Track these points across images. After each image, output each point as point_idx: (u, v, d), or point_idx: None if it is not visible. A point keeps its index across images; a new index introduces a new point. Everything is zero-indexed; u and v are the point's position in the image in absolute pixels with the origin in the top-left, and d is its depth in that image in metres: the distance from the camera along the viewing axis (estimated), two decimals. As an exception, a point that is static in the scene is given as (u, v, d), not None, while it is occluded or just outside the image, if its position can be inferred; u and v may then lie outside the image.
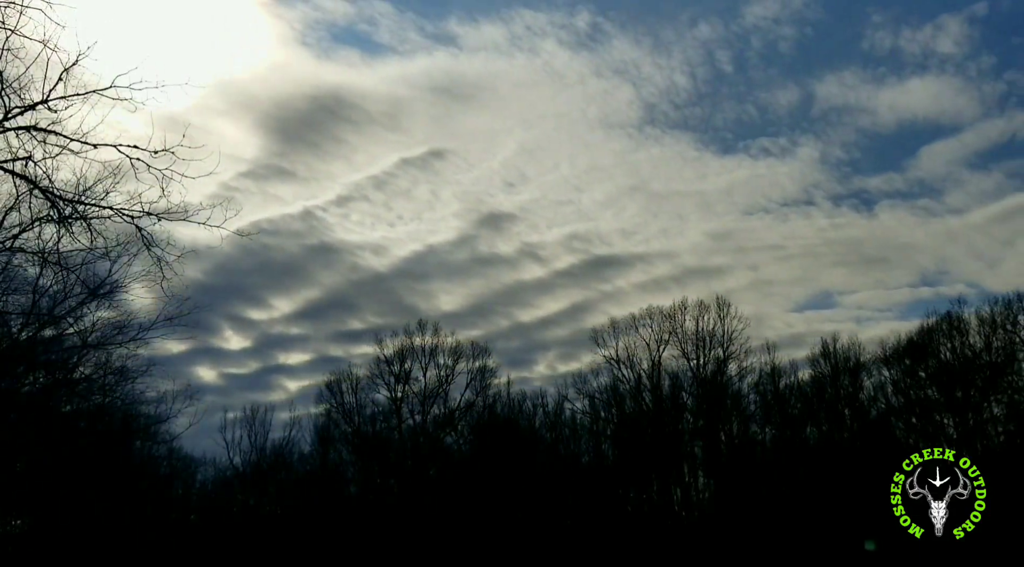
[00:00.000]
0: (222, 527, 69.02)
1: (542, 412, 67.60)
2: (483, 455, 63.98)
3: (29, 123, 13.49)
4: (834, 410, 60.97)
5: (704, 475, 63.73)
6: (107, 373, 30.79)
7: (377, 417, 65.80)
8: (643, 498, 64.82)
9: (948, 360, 57.28)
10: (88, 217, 14.51)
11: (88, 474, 40.79)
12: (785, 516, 54.29)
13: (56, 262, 16.89)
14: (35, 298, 24.53)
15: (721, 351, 63.14)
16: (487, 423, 65.39)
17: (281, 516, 70.26)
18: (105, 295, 25.43)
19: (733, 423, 62.70)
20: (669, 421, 63.54)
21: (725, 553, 53.03)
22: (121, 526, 55.62)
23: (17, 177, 13.76)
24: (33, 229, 16.94)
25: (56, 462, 30.16)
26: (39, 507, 41.85)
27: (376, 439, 65.26)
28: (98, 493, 49.61)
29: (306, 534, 64.23)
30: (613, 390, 65.38)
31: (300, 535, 64.76)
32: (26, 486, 31.83)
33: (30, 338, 23.67)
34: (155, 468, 64.83)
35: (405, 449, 64.08)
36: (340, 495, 68.33)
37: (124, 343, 27.67)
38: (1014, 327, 55.73)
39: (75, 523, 47.59)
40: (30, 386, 28.10)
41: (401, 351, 65.53)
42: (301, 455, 69.97)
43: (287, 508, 70.69)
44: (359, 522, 62.90)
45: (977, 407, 56.16)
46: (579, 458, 66.78)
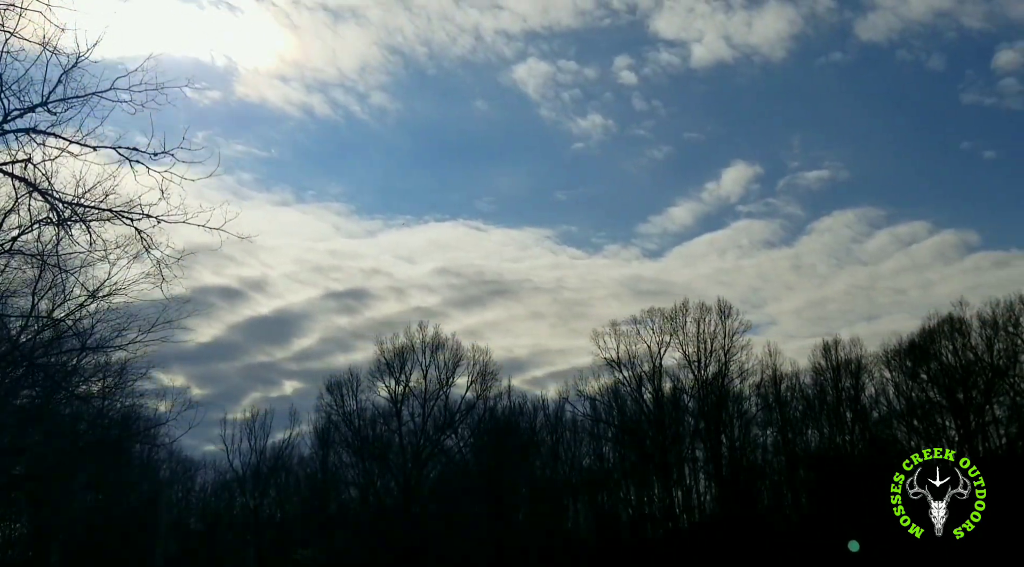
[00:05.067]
0: (222, 530, 69.03)
1: (542, 414, 67.60)
2: (484, 457, 63.92)
3: (28, 125, 13.48)
4: (835, 412, 60.87)
5: (705, 477, 63.69)
6: (107, 376, 30.81)
7: (377, 419, 65.67)
8: (644, 500, 64.75)
9: (950, 362, 57.17)
10: (87, 219, 14.46)
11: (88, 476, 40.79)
12: (785, 518, 54.23)
13: (55, 264, 16.86)
14: (34, 300, 24.54)
15: (722, 353, 63.05)
16: (488, 425, 65.28)
17: (281, 519, 70.27)
18: (104, 297, 25.43)
19: (734, 425, 62.60)
20: (670, 423, 63.44)
21: (726, 556, 52.92)
22: (121, 528, 55.61)
23: (16, 179, 13.73)
24: (32, 231, 16.90)
25: (56, 465, 30.14)
26: (39, 508, 41.85)
27: (376, 441, 65.15)
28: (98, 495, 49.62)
29: (306, 537, 64.20)
30: (614, 392, 65.30)
31: (300, 538, 64.73)
32: (26, 488, 31.80)
33: (29, 340, 23.65)
34: (155, 471, 64.88)
35: (405, 451, 63.97)
36: (340, 497, 68.31)
37: (124, 346, 27.68)
38: (1016, 329, 55.62)
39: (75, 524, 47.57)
40: (29, 389, 28.07)
41: (401, 352, 65.41)
42: (301, 458, 69.98)
43: (287, 511, 70.70)
44: (359, 524, 62.90)
45: (979, 409, 56.06)
46: (580, 460, 66.75)
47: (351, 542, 62.34)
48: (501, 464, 62.21)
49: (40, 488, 33.09)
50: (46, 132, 13.44)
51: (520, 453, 64.52)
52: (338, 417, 65.96)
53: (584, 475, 66.04)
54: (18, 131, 13.45)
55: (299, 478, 70.89)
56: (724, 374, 62.76)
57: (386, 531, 59.63)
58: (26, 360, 23.35)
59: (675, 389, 63.96)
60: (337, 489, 68.27)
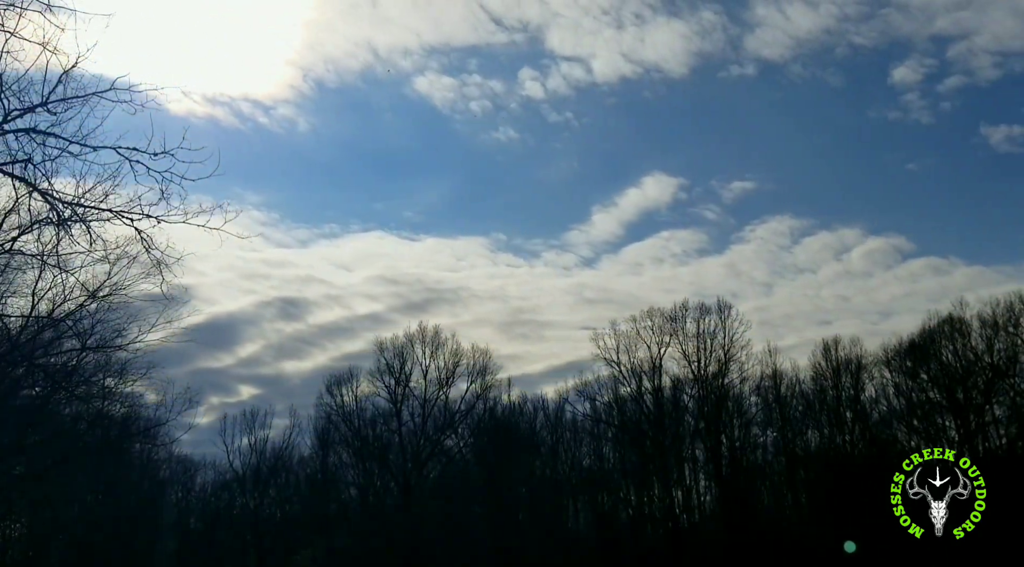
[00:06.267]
0: (222, 530, 69.03)
1: (542, 414, 67.58)
2: (484, 457, 63.91)
3: (29, 125, 13.48)
4: (835, 412, 60.84)
5: (705, 478, 63.67)
6: (106, 376, 30.82)
7: (377, 419, 65.68)
8: (644, 501, 64.74)
9: (950, 362, 57.14)
10: (87, 220, 14.46)
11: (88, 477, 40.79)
12: (785, 518, 54.22)
13: (55, 264, 16.87)
14: (34, 300, 24.51)
15: (722, 353, 63.03)
16: (487, 426, 65.27)
17: (281, 519, 70.28)
18: (104, 297, 25.44)
19: (734, 425, 62.58)
20: (670, 423, 63.42)
21: (726, 556, 52.92)
22: (121, 528, 55.60)
23: (16, 180, 13.74)
24: (32, 231, 16.90)
25: (56, 465, 30.14)
26: (39, 508, 41.85)
27: (376, 441, 65.15)
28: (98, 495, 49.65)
29: (306, 537, 64.18)
30: (614, 392, 65.32)
31: (300, 538, 64.71)
32: (26, 488, 31.80)
33: (29, 341, 23.63)
34: (155, 471, 64.90)
35: (405, 451, 63.97)
36: (340, 497, 68.31)
37: (124, 346, 27.68)
38: (1016, 329, 55.57)
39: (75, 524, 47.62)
40: (29, 389, 28.08)
41: (402, 353, 65.43)
42: (301, 458, 69.99)
43: (287, 511, 70.72)
44: (359, 524, 62.90)
45: (979, 409, 56.04)
46: (580, 460, 66.74)
47: (351, 542, 62.33)
48: (501, 464, 62.20)
49: (40, 488, 33.08)
50: (46, 132, 13.44)
51: (520, 453, 64.52)
52: (338, 417, 66.03)
53: (584, 475, 66.02)
54: (18, 131, 13.44)
55: (299, 478, 70.92)
56: (724, 374, 62.74)
57: (386, 531, 59.62)
58: (26, 360, 23.36)
59: (675, 389, 63.96)
60: (337, 489, 68.28)
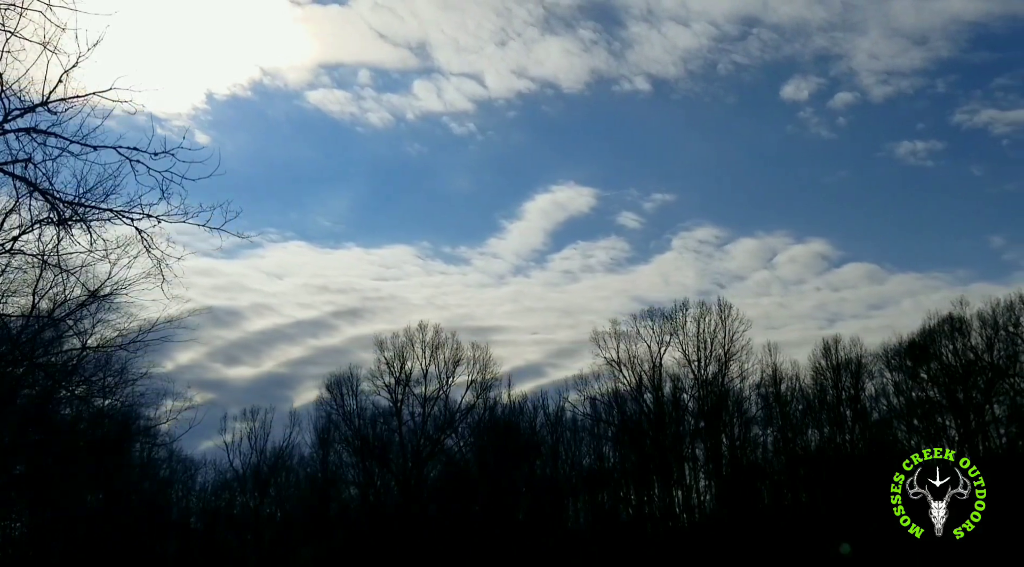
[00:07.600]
0: (222, 530, 69.04)
1: (543, 414, 67.58)
2: (484, 457, 63.92)
3: (29, 125, 13.46)
4: (835, 412, 60.87)
5: (705, 477, 63.68)
6: (107, 375, 30.86)
7: (377, 419, 65.71)
8: (644, 500, 64.75)
9: (950, 361, 57.17)
10: (88, 219, 14.44)
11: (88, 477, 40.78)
12: (786, 518, 54.22)
13: (56, 264, 16.81)
14: (35, 300, 24.52)
15: (722, 353, 63.06)
16: (488, 425, 65.29)
17: (281, 519, 70.28)
18: (105, 297, 25.45)
19: (734, 425, 62.61)
20: (670, 423, 63.44)
21: (726, 555, 52.92)
22: (121, 528, 55.60)
23: (17, 179, 13.72)
24: (33, 231, 16.87)
25: (56, 465, 30.17)
26: (39, 508, 41.86)
27: (376, 441, 65.18)
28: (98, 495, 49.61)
29: (306, 537, 64.18)
30: (614, 392, 65.30)
31: (300, 538, 64.71)
32: (26, 488, 31.83)
33: (30, 340, 23.65)
34: (155, 470, 64.89)
35: (405, 451, 64.00)
36: (340, 497, 68.32)
37: (124, 345, 27.72)
38: (1016, 328, 55.62)
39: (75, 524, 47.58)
40: (30, 389, 28.10)
41: (402, 352, 65.46)
42: (301, 457, 69.98)
43: (287, 511, 70.71)
44: (359, 524, 62.90)
45: (979, 408, 56.07)
46: (580, 460, 66.74)
47: (351, 542, 62.32)
48: (501, 464, 62.21)
49: (40, 488, 33.11)
50: (46, 132, 13.42)
51: (520, 453, 64.52)
52: (338, 417, 66.09)
53: (584, 475, 66.03)
54: (18, 131, 13.42)
55: (299, 478, 70.92)
56: (724, 374, 62.78)
57: (386, 531, 59.65)
58: (26, 360, 23.38)
59: (675, 389, 64.00)
60: (337, 489, 68.30)
